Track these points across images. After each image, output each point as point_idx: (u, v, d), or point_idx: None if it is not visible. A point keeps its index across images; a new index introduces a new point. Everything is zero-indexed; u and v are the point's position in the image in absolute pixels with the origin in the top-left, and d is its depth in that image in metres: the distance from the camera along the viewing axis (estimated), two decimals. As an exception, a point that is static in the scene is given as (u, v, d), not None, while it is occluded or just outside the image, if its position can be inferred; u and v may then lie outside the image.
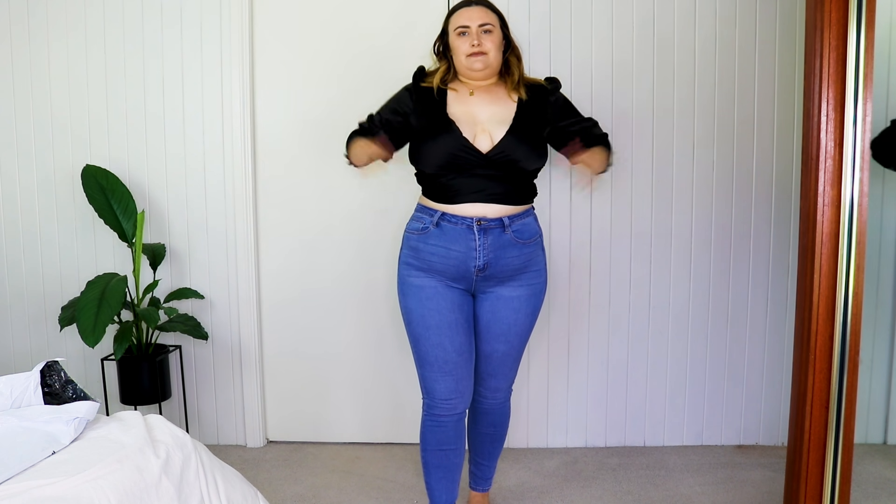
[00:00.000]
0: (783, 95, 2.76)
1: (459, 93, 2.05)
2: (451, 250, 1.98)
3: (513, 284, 2.05)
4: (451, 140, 1.94)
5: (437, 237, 1.99)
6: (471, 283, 2.03)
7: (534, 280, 2.08)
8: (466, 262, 1.98)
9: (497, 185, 1.97)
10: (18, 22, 2.83)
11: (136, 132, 2.85)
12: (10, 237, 2.94)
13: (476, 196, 1.96)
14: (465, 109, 2.01)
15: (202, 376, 2.96)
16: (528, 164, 1.98)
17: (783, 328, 2.86)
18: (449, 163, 1.94)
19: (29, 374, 1.79)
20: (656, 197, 2.80)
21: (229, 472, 1.76)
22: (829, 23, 1.85)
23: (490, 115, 2.00)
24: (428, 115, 2.01)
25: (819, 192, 1.90)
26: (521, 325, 2.09)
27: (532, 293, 2.08)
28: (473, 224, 1.96)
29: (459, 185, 1.96)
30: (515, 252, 2.02)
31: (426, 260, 2.01)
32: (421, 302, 2.01)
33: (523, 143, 1.96)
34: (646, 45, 2.74)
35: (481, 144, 1.95)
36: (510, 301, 2.05)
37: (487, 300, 2.06)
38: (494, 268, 2.00)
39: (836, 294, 1.89)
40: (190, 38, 2.80)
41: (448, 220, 1.98)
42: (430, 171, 1.99)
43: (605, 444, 2.93)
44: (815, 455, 1.97)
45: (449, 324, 2.00)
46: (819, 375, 1.93)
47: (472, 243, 1.97)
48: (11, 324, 2.98)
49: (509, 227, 1.99)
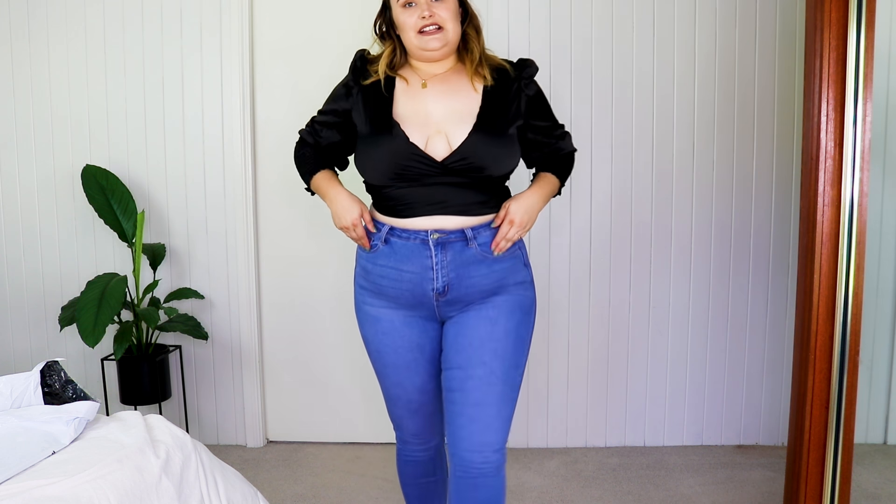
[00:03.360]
0: (783, 95, 2.76)
1: (410, 85, 1.67)
2: (402, 272, 1.63)
3: (486, 306, 1.65)
4: (396, 147, 1.58)
5: (387, 256, 1.65)
6: (432, 309, 1.66)
7: (515, 298, 1.67)
8: (422, 285, 1.63)
9: (458, 194, 1.60)
10: (18, 22, 2.83)
11: (136, 132, 2.86)
12: (10, 237, 2.94)
13: (432, 209, 1.60)
14: (415, 107, 1.63)
15: (202, 376, 2.96)
16: (497, 168, 1.62)
17: (783, 328, 2.86)
18: (396, 174, 1.59)
19: (29, 374, 1.79)
20: (656, 197, 2.81)
21: (229, 472, 1.76)
22: (829, 23, 1.85)
23: (447, 113, 1.62)
24: (369, 116, 1.64)
25: (819, 192, 1.90)
26: (500, 339, 1.63)
27: (514, 304, 1.66)
28: (428, 238, 1.60)
29: (411, 197, 1.61)
30: (484, 270, 1.63)
31: (376, 283, 1.68)
32: (377, 336, 1.73)
33: (491, 145, 1.59)
34: (646, 45, 2.74)
35: (435, 150, 1.58)
36: (483, 311, 1.65)
37: (457, 322, 1.68)
38: (458, 290, 1.63)
39: (836, 294, 1.89)
40: (190, 37, 2.80)
41: (398, 236, 1.63)
42: (376, 183, 1.65)
43: (605, 444, 2.93)
44: (815, 455, 1.97)
45: (407, 364, 1.71)
46: (819, 375, 1.93)
47: (428, 261, 1.61)
48: (11, 324, 2.98)
49: (473, 240, 1.62)
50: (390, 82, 1.67)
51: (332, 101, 1.75)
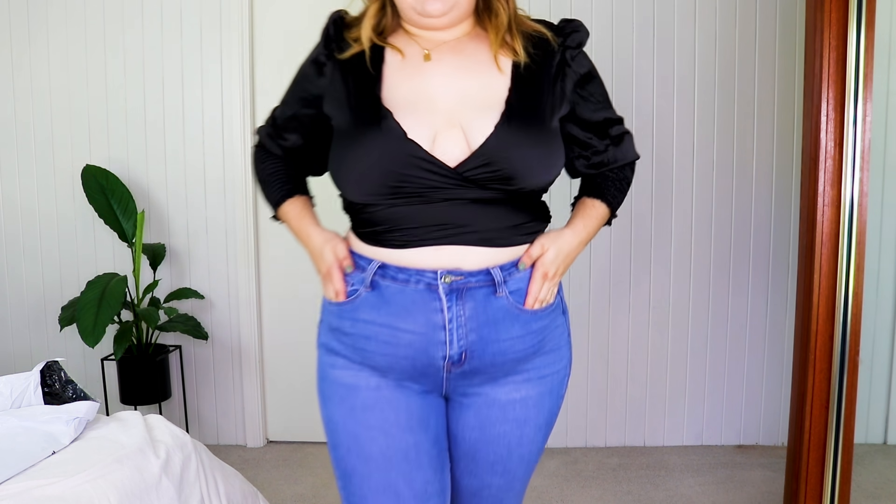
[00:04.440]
0: (783, 95, 2.76)
1: (407, 57, 1.16)
2: (399, 331, 1.12)
3: (515, 380, 1.18)
4: (389, 146, 1.08)
5: (374, 308, 1.13)
6: (439, 382, 1.16)
7: (550, 368, 1.21)
8: (428, 351, 1.12)
9: (481, 215, 1.11)
10: (18, 22, 2.83)
11: (136, 132, 2.85)
12: (10, 237, 2.94)
13: (442, 237, 1.10)
14: (414, 89, 1.13)
15: (202, 376, 2.96)
16: (535, 178, 1.12)
17: (783, 328, 2.86)
18: (389, 186, 1.09)
19: (29, 374, 1.79)
20: (656, 197, 2.81)
21: (229, 472, 1.76)
22: (829, 23, 1.85)
23: (462, 98, 1.12)
24: (349, 103, 1.14)
25: (819, 192, 1.90)
26: (527, 445, 1.22)
27: (547, 390, 1.21)
28: (438, 281, 1.10)
29: (411, 220, 1.10)
30: (518, 330, 1.15)
31: (357, 347, 1.15)
32: (353, 413, 1.16)
33: (527, 145, 1.11)
34: (646, 45, 2.74)
35: (447, 152, 1.08)
36: (510, 408, 1.19)
37: (470, 407, 1.20)
38: (480, 358, 1.14)
39: (836, 294, 1.89)
40: (190, 37, 2.80)
41: (391, 278, 1.12)
42: (358, 200, 1.13)
43: (605, 444, 2.93)
44: (815, 455, 1.97)
45: (405, 454, 1.15)
46: (819, 375, 1.93)
47: (438, 316, 1.11)
48: (11, 324, 2.98)
49: (503, 286, 1.13)
50: (378, 55, 1.16)
51: (297, 85, 1.26)
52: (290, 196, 1.28)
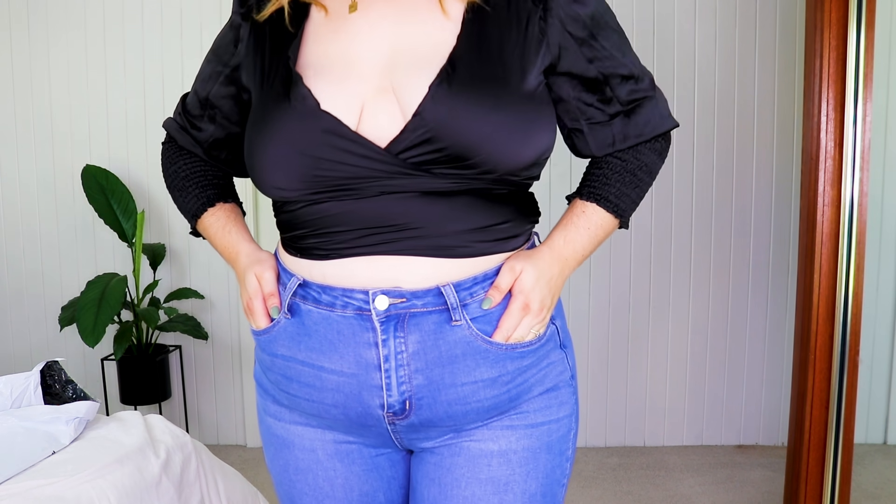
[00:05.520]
0: (783, 95, 2.76)
1: (330, 14, 0.90)
2: (323, 371, 0.87)
3: (491, 425, 0.89)
4: (299, 122, 0.83)
5: (294, 340, 0.88)
6: (385, 435, 0.90)
7: (545, 414, 0.91)
8: (361, 398, 0.86)
9: (429, 213, 0.83)
10: (18, 22, 2.83)
11: (136, 132, 2.85)
12: (10, 237, 2.94)
13: (376, 240, 0.84)
14: (335, 49, 0.88)
15: (202, 376, 2.96)
16: (501, 157, 0.82)
17: (783, 328, 2.86)
18: (307, 176, 0.83)
19: (29, 374, 1.79)
20: (656, 197, 2.81)
21: (229, 472, 1.76)
22: (829, 23, 1.85)
23: (396, 54, 0.85)
24: (260, 70, 0.91)
25: (819, 192, 1.90)
26: None
27: (542, 445, 0.91)
28: (369, 305, 0.83)
29: (337, 220, 0.85)
30: (486, 370, 0.85)
31: (281, 389, 0.92)
32: (286, 473, 0.97)
33: (479, 109, 0.81)
34: (646, 45, 2.74)
35: (379, 128, 0.82)
36: (482, 463, 0.89)
37: (433, 453, 0.92)
38: (431, 409, 0.86)
39: (836, 294, 1.89)
40: (190, 38, 2.80)
41: (314, 300, 0.86)
42: (273, 195, 0.89)
43: (605, 444, 2.93)
44: (815, 455, 1.97)
45: None
46: (819, 375, 1.94)
47: (371, 352, 0.84)
48: (11, 324, 2.98)
49: (462, 311, 0.84)
50: (303, 12, 0.91)
51: (211, 58, 0.99)
52: (212, 204, 1.00)
